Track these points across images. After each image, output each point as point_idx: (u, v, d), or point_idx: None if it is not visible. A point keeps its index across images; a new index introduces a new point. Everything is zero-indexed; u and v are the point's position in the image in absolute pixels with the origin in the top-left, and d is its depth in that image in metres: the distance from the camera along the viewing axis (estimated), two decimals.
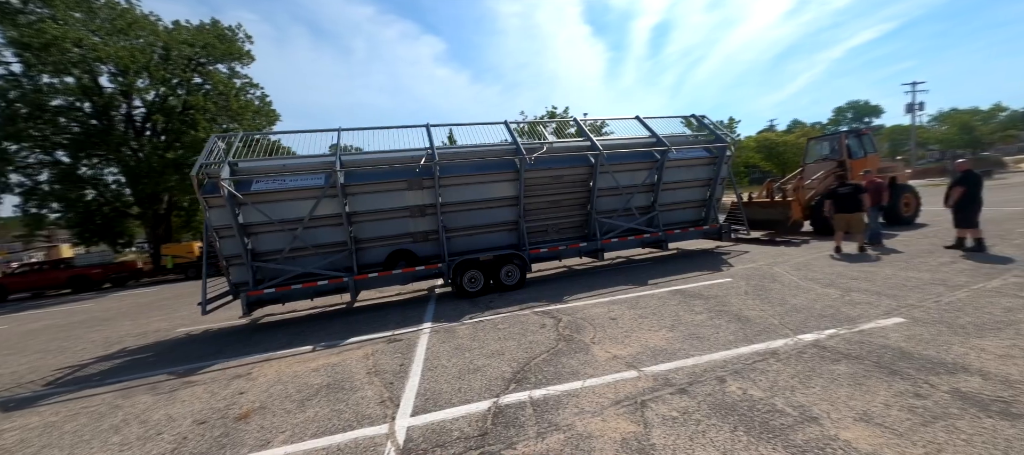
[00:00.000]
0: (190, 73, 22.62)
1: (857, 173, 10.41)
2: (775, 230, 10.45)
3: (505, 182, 7.71)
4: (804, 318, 4.58)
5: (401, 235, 7.53)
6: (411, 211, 7.40)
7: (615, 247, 8.59)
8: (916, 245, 7.89)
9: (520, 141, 7.80)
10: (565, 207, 8.37)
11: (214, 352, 5.86)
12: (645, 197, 8.87)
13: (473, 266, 7.45)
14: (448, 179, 7.38)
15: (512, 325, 5.49)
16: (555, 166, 7.88)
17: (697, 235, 9.22)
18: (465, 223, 7.79)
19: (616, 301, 6.18)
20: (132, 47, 20.33)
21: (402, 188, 7.23)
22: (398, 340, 5.40)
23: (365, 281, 7.05)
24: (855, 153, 11.05)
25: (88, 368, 5.91)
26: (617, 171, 8.30)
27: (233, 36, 24.07)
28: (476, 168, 7.57)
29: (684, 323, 4.83)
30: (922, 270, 6.11)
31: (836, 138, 11.59)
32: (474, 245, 7.92)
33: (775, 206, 10.65)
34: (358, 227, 7.25)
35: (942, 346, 3.55)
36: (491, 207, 7.84)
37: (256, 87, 25.61)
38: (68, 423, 3.99)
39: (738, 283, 6.46)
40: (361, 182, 6.99)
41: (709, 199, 9.34)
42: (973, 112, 50.14)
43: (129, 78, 20.23)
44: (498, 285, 7.59)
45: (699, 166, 9.08)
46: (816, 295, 5.41)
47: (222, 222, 6.47)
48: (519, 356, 4.32)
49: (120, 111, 22.14)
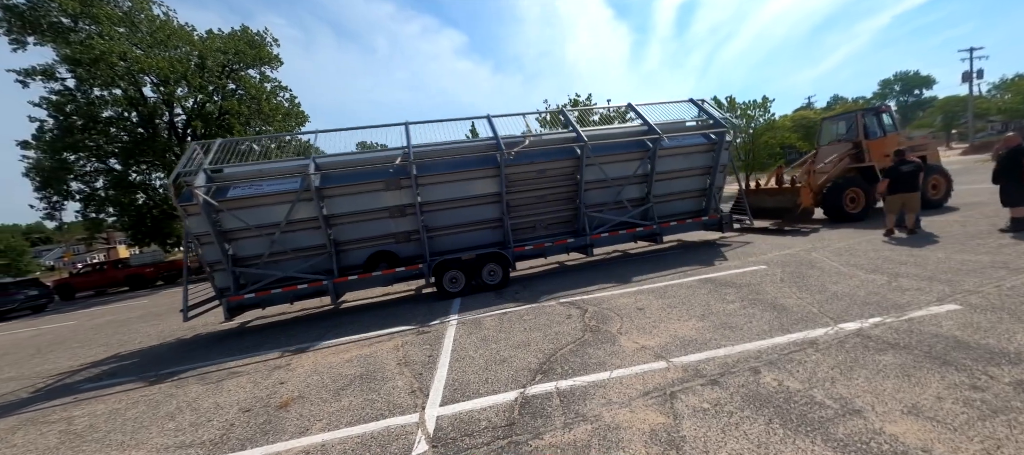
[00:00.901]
0: (224, 79, 23.70)
1: (876, 154, 9.74)
2: (783, 218, 9.76)
3: (486, 178, 7.50)
4: (846, 306, 4.35)
5: (382, 236, 7.45)
6: (391, 212, 7.27)
7: (606, 242, 8.23)
8: (971, 227, 7.28)
9: (500, 135, 7.55)
10: (552, 202, 8.09)
11: (255, 345, 6.19)
12: (639, 188, 8.51)
13: (454, 266, 7.33)
14: (426, 178, 7.22)
15: (538, 316, 5.50)
16: (538, 160, 7.63)
17: (695, 227, 8.79)
18: (448, 222, 7.64)
19: (643, 291, 6.07)
20: (171, 58, 21.46)
21: (379, 189, 7.11)
22: (426, 332, 5.53)
23: (345, 284, 7.03)
24: (873, 133, 10.09)
25: (145, 360, 6.38)
26: (605, 162, 7.96)
27: (261, 41, 24.97)
28: (454, 166, 7.37)
29: (715, 312, 4.69)
30: (980, 252, 5.65)
31: (852, 117, 10.63)
32: (458, 244, 7.79)
33: (784, 193, 9.91)
34: (338, 229, 7.22)
35: (1003, 335, 3.28)
36: (474, 205, 7.63)
37: (285, 90, 26.57)
38: (130, 410, 4.34)
39: (773, 270, 6.19)
40: (337, 184, 6.92)
41: (709, 188, 8.87)
42: None
43: (169, 87, 21.39)
44: (480, 285, 7.44)
45: (697, 153, 8.61)
46: (859, 281, 5.11)
47: (201, 229, 6.51)
48: (545, 347, 4.33)
49: (164, 119, 23.51)
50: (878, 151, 9.90)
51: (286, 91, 26.63)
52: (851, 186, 9.50)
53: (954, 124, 60.15)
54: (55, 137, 20.41)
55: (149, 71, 20.67)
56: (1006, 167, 6.67)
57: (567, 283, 7.22)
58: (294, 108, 26.58)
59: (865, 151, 10.00)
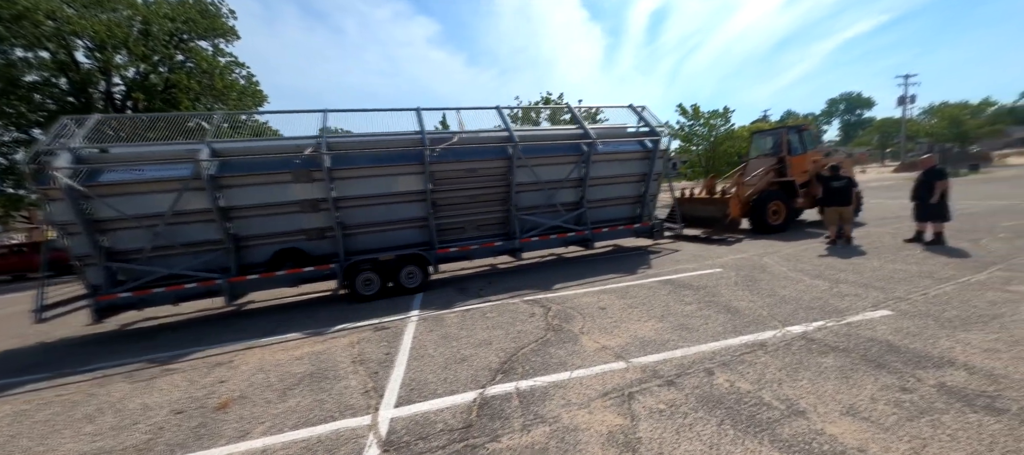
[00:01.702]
0: (172, 50, 21.83)
1: (797, 169, 10.34)
2: (713, 228, 10.04)
3: (411, 175, 7.10)
4: (792, 310, 4.58)
5: (291, 232, 6.89)
6: (301, 206, 6.73)
7: (536, 246, 8.11)
8: (901, 238, 7.94)
9: (427, 131, 7.23)
10: (483, 202, 7.81)
11: (195, 339, 5.72)
12: (574, 192, 8.39)
13: (368, 267, 6.87)
14: (343, 171, 6.73)
15: (501, 314, 5.43)
16: (468, 158, 7.36)
17: (626, 233, 8.83)
18: (368, 219, 7.18)
19: (606, 290, 6.15)
20: (110, 21, 19.49)
21: (287, 180, 6.53)
22: (385, 328, 5.32)
23: (243, 284, 6.48)
24: (795, 149, 10.61)
25: (64, 354, 5.75)
26: (537, 165, 7.77)
27: (216, 11, 23.21)
28: (375, 160, 6.92)
29: (673, 313, 4.80)
30: (909, 262, 6.15)
31: (778, 133, 11.06)
32: (380, 243, 7.36)
33: (714, 203, 10.18)
34: (239, 223, 6.57)
35: (929, 339, 3.55)
36: (397, 202, 7.22)
37: (242, 66, 24.86)
38: (40, 411, 3.87)
39: (728, 274, 6.45)
40: (237, 173, 6.31)
41: (644, 195, 8.92)
42: (962, 106, 50.67)
43: (106, 54, 19.45)
44: (398, 288, 7.04)
45: (633, 160, 8.62)
46: (805, 286, 5.42)
47: (66, 217, 5.69)
48: (507, 346, 4.26)
49: (99, 88, 21.38)
50: (799, 167, 10.44)
51: (243, 68, 24.94)
52: (773, 199, 9.86)
53: (888, 143, 65.88)
54: None
55: (83, 34, 18.67)
56: (922, 187, 7.36)
57: (532, 281, 7.20)
58: (251, 86, 24.95)
59: (787, 166, 10.43)
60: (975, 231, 8.03)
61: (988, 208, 10.91)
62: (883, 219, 10.65)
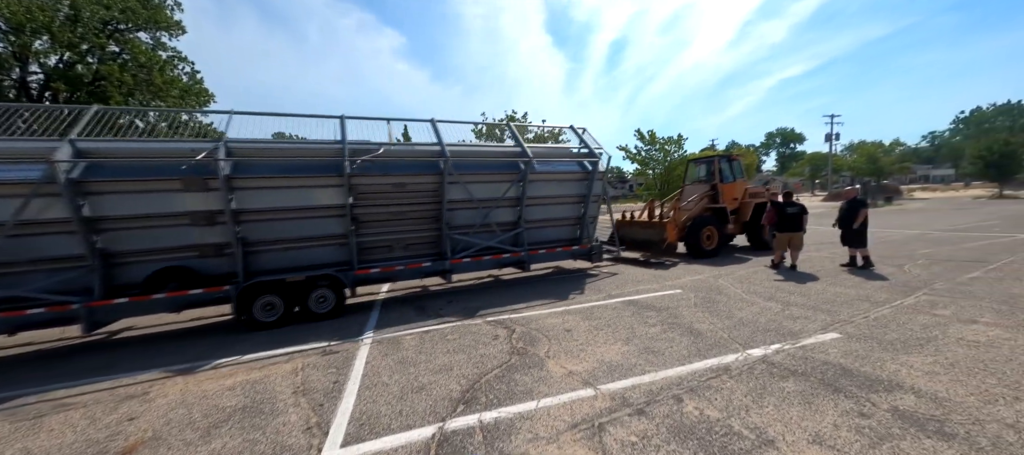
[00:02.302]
0: (104, 39, 19.87)
1: (728, 196, 10.96)
2: (650, 250, 10.09)
3: (330, 187, 6.42)
4: (751, 332, 4.68)
5: (180, 248, 5.96)
6: (193, 218, 5.84)
7: (467, 268, 7.61)
8: (825, 265, 8.56)
9: (349, 141, 6.66)
10: (413, 220, 7.30)
11: (105, 365, 4.92)
12: (512, 212, 8.08)
13: (270, 289, 5.98)
14: (246, 180, 5.97)
15: (463, 336, 5.14)
16: (395, 172, 6.84)
17: (565, 255, 8.59)
18: (277, 235, 6.41)
19: (571, 311, 6.04)
20: (30, 2, 17.43)
21: (175, 188, 5.65)
22: (334, 352, 4.85)
23: (107, 309, 5.40)
24: (726, 177, 11.09)
25: None
26: (470, 182, 7.39)
27: (159, 2, 21.52)
28: (287, 169, 6.22)
29: (639, 336, 4.76)
30: (848, 286, 6.59)
31: (711, 161, 11.48)
32: (292, 261, 6.59)
33: (653, 227, 10.14)
34: (110, 237, 5.57)
35: (876, 362, 3.72)
36: (312, 217, 6.52)
37: (186, 62, 23.10)
38: None
39: (687, 295, 6.58)
40: (110, 178, 5.37)
41: (583, 217, 8.80)
42: (877, 145, 57.22)
43: (23, 38, 17.31)
44: (306, 313, 6.21)
45: (572, 181, 8.46)
46: (759, 308, 5.60)
47: None
48: (469, 372, 3.99)
49: (12, 76, 18.93)
50: (729, 194, 11.04)
51: (187, 64, 23.16)
52: (707, 224, 10.09)
53: (818, 175, 72.93)
54: None
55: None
56: (846, 215, 8.03)
57: (496, 300, 6.97)
58: (195, 83, 23.17)
59: (720, 193, 10.86)
60: (897, 257, 8.82)
61: (904, 236, 12.14)
62: (820, 244, 11.50)
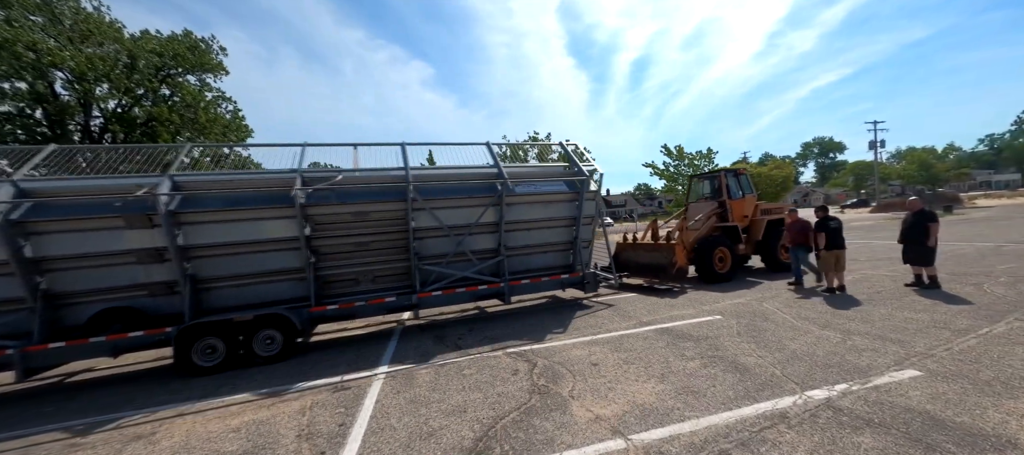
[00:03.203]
0: (157, 83, 21.58)
1: (738, 214, 10.02)
2: (660, 276, 8.86)
3: (282, 219, 6.01)
4: (808, 368, 4.07)
5: (128, 288, 5.73)
6: (139, 256, 5.61)
7: (438, 302, 6.93)
8: (885, 285, 7.62)
9: (305, 169, 6.31)
10: (379, 251, 6.77)
11: (124, 401, 4.88)
12: (492, 239, 7.37)
13: (212, 331, 5.55)
14: (193, 214, 5.70)
15: (481, 370, 4.78)
16: (355, 200, 6.34)
17: (552, 285, 7.70)
18: (231, 271, 6.07)
19: (598, 341, 5.57)
20: (92, 54, 19.23)
21: (118, 225, 5.46)
22: (346, 388, 4.60)
23: (44, 354, 5.17)
24: (734, 193, 10.14)
25: None
26: (439, 207, 6.80)
27: (206, 48, 23.26)
28: (234, 201, 5.86)
29: (675, 372, 4.24)
30: (917, 310, 5.77)
31: (717, 177, 10.46)
32: (250, 298, 6.24)
33: (659, 249, 9.09)
34: (54, 277, 5.43)
35: (974, 410, 3.06)
36: (267, 251, 6.14)
37: (229, 101, 24.71)
38: None
39: (728, 322, 5.96)
40: (50, 218, 5.25)
41: (574, 241, 7.92)
42: (929, 150, 53.26)
43: (85, 85, 19.03)
44: (250, 357, 5.70)
45: (560, 203, 7.64)
46: (814, 338, 4.93)
47: None
48: (484, 415, 3.62)
49: (76, 121, 20.79)
50: (739, 211, 10.08)
51: (230, 102, 24.77)
52: (718, 245, 9.18)
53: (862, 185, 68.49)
54: None
55: (62, 65, 18.31)
56: (911, 229, 7.13)
57: (517, 329, 6.59)
58: (237, 120, 24.65)
59: (729, 210, 9.90)
60: (972, 274, 7.79)
61: (975, 250, 10.83)
62: (875, 260, 10.44)
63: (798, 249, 8.03)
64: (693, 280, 9.29)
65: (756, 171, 37.22)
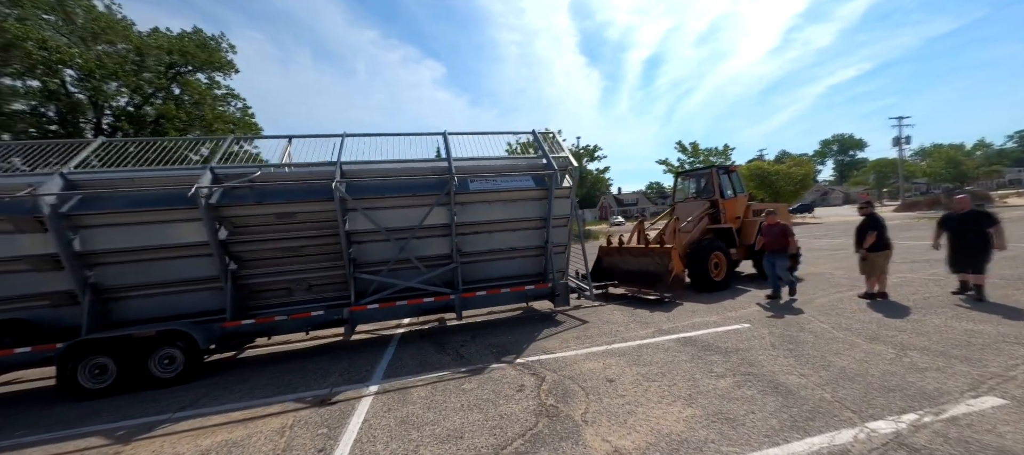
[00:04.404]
0: (167, 81, 21.58)
1: (730, 215, 9.22)
2: (648, 285, 7.85)
3: (189, 222, 5.31)
4: (863, 391, 3.47)
5: (27, 297, 5.14)
6: (35, 263, 4.99)
7: (376, 315, 6.09)
8: (930, 291, 6.88)
9: (218, 166, 5.66)
10: (312, 257, 5.96)
11: (90, 413, 4.50)
12: (447, 243, 6.46)
13: (105, 348, 4.91)
14: (91, 217, 5.08)
15: (482, 386, 4.28)
16: (275, 200, 5.57)
17: (514, 297, 6.71)
18: (142, 279, 5.42)
19: (613, 352, 5.03)
20: (101, 52, 19.28)
21: (7, 230, 4.87)
22: (332, 402, 4.15)
23: None
24: (726, 192, 9.36)
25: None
26: (375, 208, 5.97)
27: (216, 45, 23.20)
28: (137, 202, 5.20)
29: (704, 392, 3.68)
30: (978, 321, 5.09)
31: (708, 174, 9.61)
32: (154, 310, 5.55)
33: (651, 254, 7.93)
34: None
35: None
36: (177, 257, 5.44)
37: (238, 99, 24.67)
38: None
39: (759, 331, 5.36)
40: None
41: (546, 246, 6.81)
42: (957, 147, 51.05)
43: (94, 83, 19.07)
44: (148, 378, 5.05)
45: (526, 201, 6.65)
46: (864, 353, 4.32)
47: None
48: (483, 443, 3.12)
49: (87, 118, 20.90)
50: (731, 212, 9.31)
51: (239, 100, 24.71)
52: (714, 250, 8.30)
53: (884, 183, 66.15)
54: None
55: (69, 63, 18.36)
56: (963, 230, 6.32)
57: (525, 335, 6.08)
58: (245, 118, 24.60)
59: (722, 211, 9.08)
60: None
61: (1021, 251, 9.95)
62: (912, 262, 9.65)
63: (774, 256, 7.11)
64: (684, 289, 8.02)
65: (773, 169, 36.05)
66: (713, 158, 26.38)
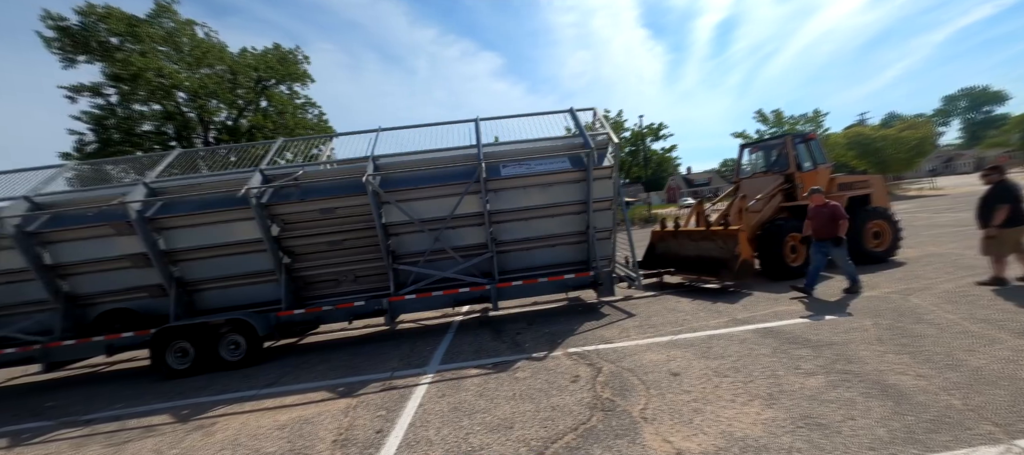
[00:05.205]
0: (257, 96, 24.25)
1: (808, 190, 7.64)
2: (710, 272, 7.03)
3: (243, 221, 5.83)
4: (1009, 399, 2.76)
5: (130, 290, 6.03)
6: (133, 261, 5.86)
7: (414, 306, 6.23)
8: None
9: (267, 167, 6.17)
10: (354, 249, 6.22)
11: (202, 385, 5.19)
12: (482, 232, 6.33)
13: (185, 334, 5.62)
14: (170, 219, 5.80)
15: (536, 374, 4.17)
16: (317, 197, 5.89)
17: (552, 287, 6.37)
18: (215, 273, 6.09)
19: (678, 342, 4.61)
20: (204, 75, 22.13)
21: (109, 234, 5.74)
22: (392, 387, 4.32)
23: (61, 350, 5.71)
24: (804, 164, 8.15)
25: (75, 399, 5.52)
26: (405, 200, 6.05)
27: (293, 58, 25.51)
28: (202, 205, 5.87)
29: (789, 392, 3.20)
30: None
31: (781, 144, 8.44)
32: (229, 300, 6.21)
33: (714, 238, 7.07)
34: (73, 281, 5.96)
35: None
36: (240, 253, 6.01)
37: (315, 106, 26.98)
38: None
39: (861, 322, 4.57)
40: (56, 227, 5.71)
41: (588, 231, 6.44)
42: None
43: (200, 101, 21.98)
44: (217, 361, 5.68)
45: (563, 184, 6.31)
46: (1009, 351, 3.46)
47: None
48: (533, 435, 3.00)
49: (198, 133, 24.27)
50: (809, 186, 7.75)
51: (316, 108, 27.03)
52: (790, 231, 7.17)
53: None
54: (95, 150, 21.30)
55: (179, 86, 21.34)
56: None
57: (582, 324, 5.85)
58: (320, 123, 26.84)
59: (798, 186, 7.83)
60: None
61: None
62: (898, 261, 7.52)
63: (825, 244, 5.95)
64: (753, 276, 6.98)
65: (880, 134, 31.05)
66: (801, 127, 23.29)
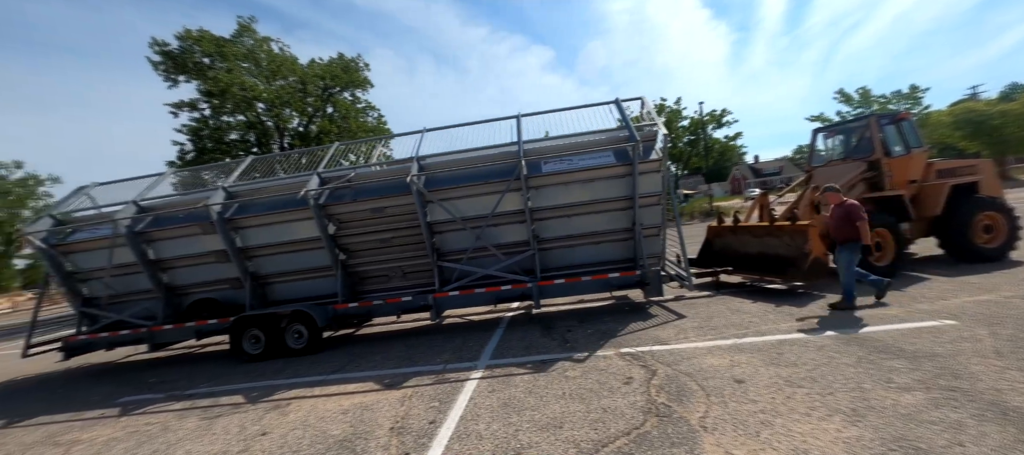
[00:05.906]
0: (324, 103, 26.21)
1: (900, 179, 6.71)
2: (775, 272, 6.45)
3: (304, 220, 6.33)
4: None
5: (214, 282, 6.90)
6: (217, 256, 6.65)
7: (457, 302, 6.36)
8: None
9: (322, 170, 6.63)
10: (402, 246, 6.53)
11: (279, 368, 5.73)
12: (523, 229, 6.30)
13: (256, 323, 6.22)
14: (245, 219, 6.46)
15: (587, 374, 4.08)
16: (367, 197, 6.25)
17: (594, 286, 6.21)
18: (281, 268, 6.73)
19: (743, 346, 4.27)
20: (279, 86, 24.31)
21: (197, 233, 6.56)
22: (446, 380, 4.46)
23: (161, 333, 6.65)
24: (893, 149, 7.08)
25: (187, 376, 6.32)
26: (448, 198, 6.19)
27: (355, 66, 27.21)
28: (269, 206, 6.43)
29: (878, 408, 2.82)
30: None
31: (864, 126, 7.38)
32: (296, 293, 6.82)
33: (780, 234, 6.48)
34: (171, 274, 6.93)
35: None
36: (302, 249, 6.57)
37: (374, 110, 28.62)
38: (123, 441, 3.96)
39: (973, 331, 3.93)
40: (157, 228, 6.64)
41: (635, 228, 6.14)
42: None
43: (275, 111, 24.17)
44: (284, 348, 6.20)
45: (607, 179, 6.08)
46: None
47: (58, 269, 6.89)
48: (582, 436, 2.93)
49: (275, 140, 26.79)
50: (901, 175, 6.82)
51: (375, 111, 28.65)
52: (877, 225, 6.19)
53: None
54: (193, 158, 24.32)
55: (259, 98, 23.60)
56: None
57: (636, 322, 5.64)
58: (380, 125, 28.39)
59: (885, 174, 6.86)
60: None
61: None
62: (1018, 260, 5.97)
63: (846, 248, 5.15)
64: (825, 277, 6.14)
65: (999, 109, 26.48)
66: (895, 106, 20.44)
